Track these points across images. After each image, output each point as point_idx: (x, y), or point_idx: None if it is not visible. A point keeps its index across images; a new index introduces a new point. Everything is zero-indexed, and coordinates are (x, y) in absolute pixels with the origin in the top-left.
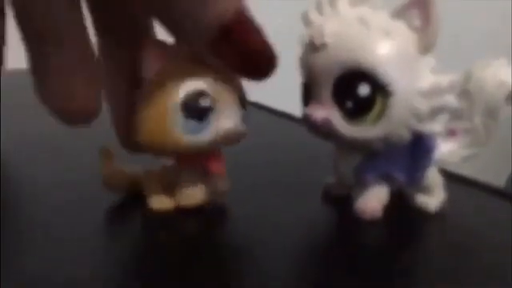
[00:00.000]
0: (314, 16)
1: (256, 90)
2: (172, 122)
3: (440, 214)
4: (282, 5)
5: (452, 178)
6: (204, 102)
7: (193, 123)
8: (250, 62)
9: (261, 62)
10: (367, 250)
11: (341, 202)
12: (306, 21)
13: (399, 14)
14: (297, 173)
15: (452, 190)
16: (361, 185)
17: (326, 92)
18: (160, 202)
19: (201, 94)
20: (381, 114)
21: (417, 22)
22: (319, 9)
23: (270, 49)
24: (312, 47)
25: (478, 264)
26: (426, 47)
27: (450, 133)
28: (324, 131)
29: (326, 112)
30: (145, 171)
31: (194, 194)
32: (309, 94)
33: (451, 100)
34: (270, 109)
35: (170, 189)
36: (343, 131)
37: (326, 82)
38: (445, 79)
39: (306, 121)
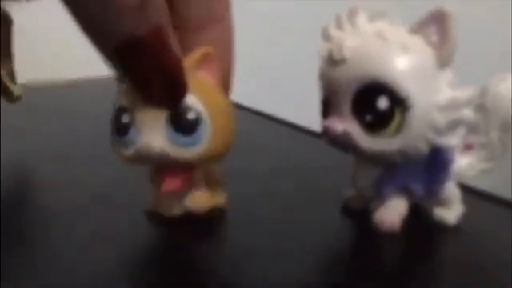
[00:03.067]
0: (333, 31)
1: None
2: None
3: (457, 228)
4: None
5: (469, 192)
6: (123, 118)
7: (118, 138)
8: (154, 83)
9: (165, 86)
10: (385, 263)
11: (359, 214)
12: (326, 36)
13: (417, 29)
14: (315, 185)
15: (469, 204)
16: (379, 197)
17: (345, 105)
18: (149, 206)
19: (123, 109)
20: (399, 127)
21: (434, 38)
22: (338, 24)
23: (178, 75)
24: (331, 62)
25: (494, 280)
26: (443, 62)
27: (467, 147)
28: (343, 144)
29: (345, 124)
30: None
31: (199, 200)
32: (328, 107)
33: (468, 114)
34: (288, 123)
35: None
36: (362, 144)
37: (345, 96)
38: (462, 93)
39: (325, 133)
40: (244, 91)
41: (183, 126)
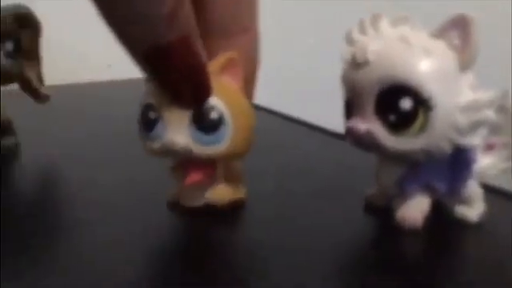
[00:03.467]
0: (356, 36)
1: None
2: None
3: (479, 226)
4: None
5: (490, 191)
6: (151, 115)
7: (145, 133)
8: (180, 87)
9: (190, 90)
10: (406, 259)
11: (381, 212)
12: (349, 40)
13: (439, 33)
14: (337, 183)
15: (490, 203)
16: (402, 195)
17: (369, 106)
18: (171, 197)
19: (150, 107)
20: (423, 127)
21: (456, 42)
22: (361, 29)
23: (203, 81)
24: (355, 64)
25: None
26: (465, 65)
27: (488, 147)
28: (367, 143)
29: (369, 125)
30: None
31: (220, 193)
32: (351, 108)
33: (490, 115)
34: (311, 125)
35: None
36: (386, 143)
37: (369, 97)
38: (484, 95)
39: (348, 133)
40: (266, 93)
41: (206, 124)
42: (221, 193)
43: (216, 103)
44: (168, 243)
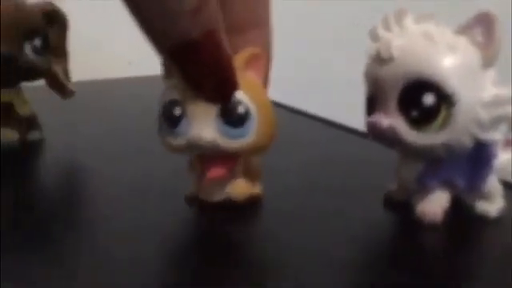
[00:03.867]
0: (381, 32)
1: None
2: None
3: (498, 220)
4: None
5: (510, 187)
6: (175, 111)
7: (168, 129)
8: (206, 82)
9: (216, 85)
10: (426, 254)
11: (401, 207)
12: (374, 37)
13: (463, 30)
14: (356, 178)
15: (509, 199)
16: (422, 190)
17: (392, 102)
18: (190, 193)
19: (174, 102)
20: (445, 123)
21: (480, 39)
22: (386, 25)
23: (229, 75)
24: (379, 60)
25: None
26: (488, 61)
27: (507, 143)
28: (389, 138)
29: (391, 120)
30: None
31: (239, 188)
32: (373, 104)
33: (511, 111)
34: (331, 122)
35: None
36: (408, 138)
37: (392, 93)
38: (506, 91)
39: (371, 128)
40: (281, 89)
41: (233, 119)
42: (241, 188)
43: (242, 98)
44: (185, 238)
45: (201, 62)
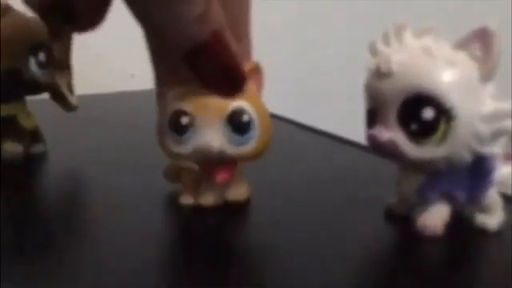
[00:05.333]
0: (380, 47)
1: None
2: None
3: (498, 234)
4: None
5: (509, 200)
6: (183, 120)
7: (174, 138)
8: (219, 79)
9: (229, 80)
10: (427, 267)
11: (402, 220)
12: (373, 51)
13: (461, 45)
14: (357, 191)
15: (509, 212)
16: (422, 203)
17: (392, 115)
18: (186, 199)
19: (181, 112)
20: (444, 136)
21: (478, 53)
22: (385, 40)
23: (239, 69)
24: (378, 74)
25: None
26: (486, 76)
27: (507, 157)
28: (389, 151)
29: (391, 133)
30: (186, 168)
31: (240, 191)
32: (373, 117)
33: (510, 124)
34: (331, 134)
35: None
36: (408, 151)
37: (392, 106)
38: (505, 105)
39: (371, 141)
40: (280, 101)
41: (239, 127)
42: (240, 191)
43: (246, 106)
44: (185, 245)
45: (212, 61)
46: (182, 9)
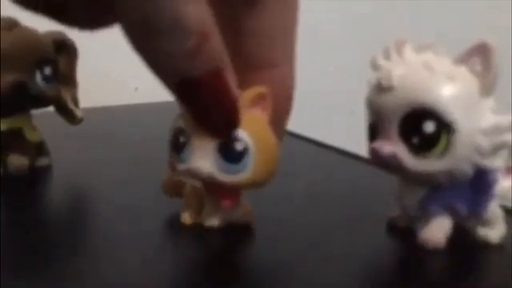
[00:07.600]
0: (381, 62)
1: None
2: None
3: (500, 247)
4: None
5: (510, 213)
6: (181, 138)
7: (174, 154)
8: (210, 118)
9: (221, 122)
10: (429, 280)
11: (404, 233)
12: (374, 66)
13: (461, 60)
14: (359, 204)
15: (510, 225)
16: (424, 216)
17: (393, 129)
18: (188, 218)
19: (180, 130)
20: (445, 150)
21: (478, 68)
22: (386, 55)
23: (234, 112)
24: (380, 89)
25: None
26: (486, 90)
27: (508, 170)
28: (391, 165)
29: (393, 147)
30: (190, 187)
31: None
32: (375, 131)
33: (511, 138)
34: (337, 149)
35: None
36: (409, 165)
37: (393, 120)
38: (505, 119)
39: (373, 155)
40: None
41: (231, 155)
42: (244, 212)
43: (242, 135)
44: (187, 262)
45: (203, 100)
46: (172, 42)
